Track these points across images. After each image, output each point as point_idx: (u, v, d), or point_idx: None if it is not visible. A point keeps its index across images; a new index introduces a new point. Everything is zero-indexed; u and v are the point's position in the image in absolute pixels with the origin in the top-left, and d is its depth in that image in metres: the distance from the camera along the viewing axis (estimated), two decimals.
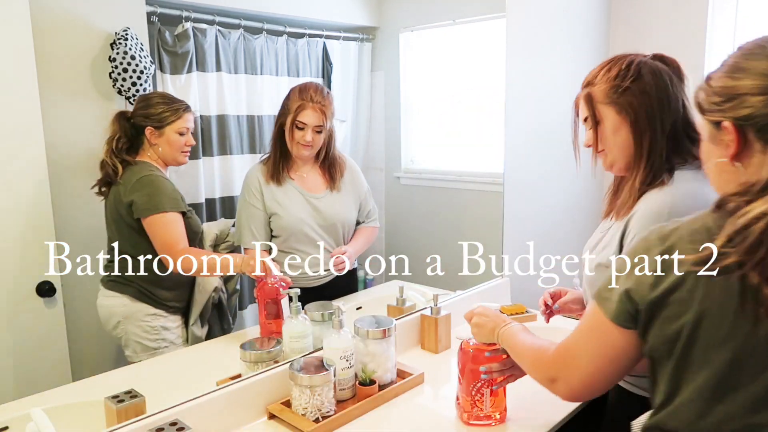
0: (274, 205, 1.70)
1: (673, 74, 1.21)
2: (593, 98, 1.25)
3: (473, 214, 2.34)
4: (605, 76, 1.23)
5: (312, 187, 1.77)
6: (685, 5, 2.60)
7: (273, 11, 1.74)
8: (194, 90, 1.56)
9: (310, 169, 1.78)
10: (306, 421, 1.36)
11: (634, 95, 1.19)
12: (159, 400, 1.28)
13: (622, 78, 1.20)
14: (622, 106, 1.20)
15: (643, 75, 1.19)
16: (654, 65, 1.21)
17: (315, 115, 1.68)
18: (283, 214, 1.70)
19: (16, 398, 1.23)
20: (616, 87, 1.21)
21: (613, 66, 1.22)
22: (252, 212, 1.69)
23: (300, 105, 1.66)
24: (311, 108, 1.67)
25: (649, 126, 1.19)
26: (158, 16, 1.46)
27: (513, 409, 1.42)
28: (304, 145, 1.70)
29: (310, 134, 1.69)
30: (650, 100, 1.19)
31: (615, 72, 1.21)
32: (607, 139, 1.25)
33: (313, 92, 1.68)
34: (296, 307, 1.53)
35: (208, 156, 1.62)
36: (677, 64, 1.24)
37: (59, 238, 1.28)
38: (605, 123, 1.24)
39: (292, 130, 1.68)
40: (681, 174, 1.18)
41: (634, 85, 1.19)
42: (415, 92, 2.17)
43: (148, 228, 1.41)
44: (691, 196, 1.14)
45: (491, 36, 2.26)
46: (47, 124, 1.25)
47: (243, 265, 1.54)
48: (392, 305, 1.89)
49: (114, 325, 1.43)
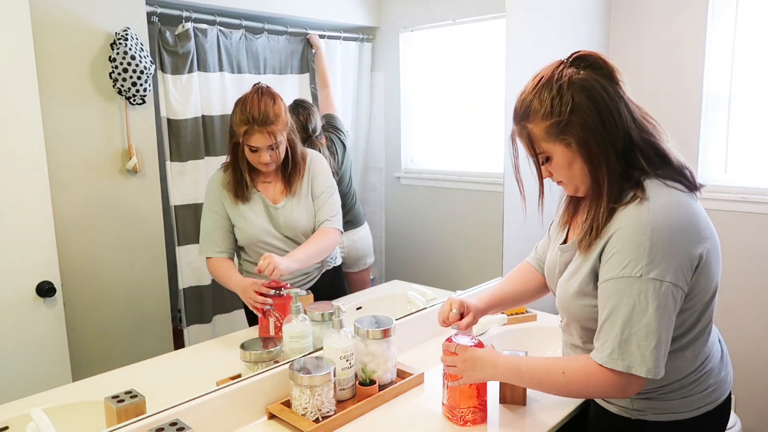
0: (237, 218, 1.62)
1: (602, 80, 1.14)
2: (533, 137, 1.17)
3: (473, 214, 2.34)
4: (539, 112, 1.15)
5: (274, 196, 1.67)
6: (685, 5, 2.61)
7: (273, 11, 1.74)
8: (195, 90, 1.56)
9: (273, 176, 1.67)
10: (306, 421, 1.36)
11: (577, 126, 1.12)
12: (159, 400, 1.28)
13: (558, 112, 1.12)
14: (568, 141, 1.14)
15: (578, 101, 1.11)
16: (582, 82, 1.13)
17: (264, 137, 1.53)
18: (244, 227, 1.63)
19: (16, 398, 1.23)
20: (555, 123, 1.13)
21: (543, 94, 1.14)
22: (216, 221, 1.61)
23: (246, 130, 1.52)
24: (258, 132, 1.52)
25: (601, 152, 1.13)
26: (158, 16, 1.46)
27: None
28: (262, 164, 1.59)
29: (267, 155, 1.56)
30: (595, 127, 1.12)
31: (548, 105, 1.13)
32: (562, 171, 1.20)
33: (256, 112, 1.51)
34: (296, 307, 1.53)
35: (211, 156, 1.62)
36: (602, 62, 1.16)
37: (59, 238, 1.28)
38: (555, 159, 1.18)
39: (245, 151, 1.55)
40: (651, 185, 1.14)
41: (574, 116, 1.12)
42: (415, 92, 2.17)
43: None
44: (668, 213, 1.11)
45: (491, 36, 2.26)
46: (47, 124, 1.25)
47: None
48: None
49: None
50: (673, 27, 2.65)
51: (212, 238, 1.61)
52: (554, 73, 1.16)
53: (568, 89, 1.12)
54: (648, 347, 1.08)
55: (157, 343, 1.52)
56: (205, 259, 1.61)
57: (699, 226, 1.14)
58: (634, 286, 1.09)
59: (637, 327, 1.09)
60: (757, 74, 2.50)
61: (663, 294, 1.08)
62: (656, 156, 1.16)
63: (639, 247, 1.09)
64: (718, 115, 2.62)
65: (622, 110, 1.14)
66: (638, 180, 1.15)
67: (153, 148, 1.46)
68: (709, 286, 1.17)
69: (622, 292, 1.10)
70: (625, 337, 1.09)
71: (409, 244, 2.21)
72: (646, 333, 1.08)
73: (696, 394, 1.22)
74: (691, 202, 1.16)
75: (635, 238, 1.09)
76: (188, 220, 1.58)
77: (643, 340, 1.09)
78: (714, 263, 1.16)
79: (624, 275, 1.09)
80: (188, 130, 1.55)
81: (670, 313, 1.10)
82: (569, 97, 1.12)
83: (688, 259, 1.10)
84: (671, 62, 2.68)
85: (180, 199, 1.55)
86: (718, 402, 1.25)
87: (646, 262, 1.08)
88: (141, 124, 1.43)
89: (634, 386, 1.12)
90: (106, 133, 1.38)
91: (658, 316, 1.08)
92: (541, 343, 1.94)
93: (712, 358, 1.25)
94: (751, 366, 2.61)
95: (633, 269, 1.09)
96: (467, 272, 2.29)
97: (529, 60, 2.33)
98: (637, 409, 1.24)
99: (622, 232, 1.12)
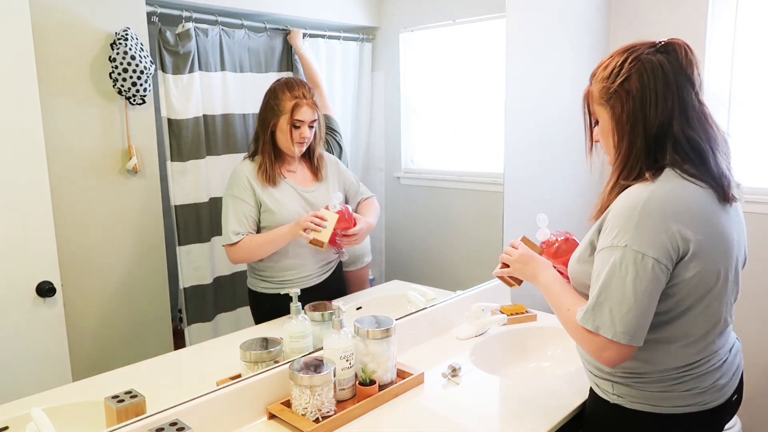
0: (270, 202, 1.68)
1: (672, 67, 1.18)
2: (592, 96, 1.27)
3: (473, 214, 2.34)
4: (601, 74, 1.23)
5: (303, 181, 1.77)
6: (685, 5, 2.60)
7: (273, 11, 1.74)
8: (197, 89, 1.56)
9: (298, 165, 1.78)
10: (306, 421, 1.36)
11: (619, 98, 1.20)
12: (159, 400, 1.28)
13: (613, 79, 1.20)
14: (611, 108, 1.21)
15: (632, 77, 1.18)
16: (647, 63, 1.18)
17: (310, 111, 1.69)
18: (279, 210, 1.69)
19: (16, 398, 1.23)
20: (606, 89, 1.21)
21: (611, 62, 1.22)
22: (242, 207, 1.66)
23: (295, 104, 1.66)
24: (306, 105, 1.68)
25: (630, 130, 1.19)
26: (158, 16, 1.46)
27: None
28: (300, 143, 1.70)
29: (307, 130, 1.70)
30: (633, 105, 1.18)
31: (609, 71, 1.21)
32: (603, 138, 1.27)
33: (303, 89, 1.69)
34: (296, 307, 1.53)
35: (213, 155, 1.62)
36: (683, 49, 1.20)
37: (59, 238, 1.28)
38: (601, 124, 1.26)
39: (289, 129, 1.68)
40: (669, 173, 1.17)
41: (621, 87, 1.19)
42: (415, 92, 2.17)
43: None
44: (668, 193, 1.14)
45: (491, 36, 2.26)
46: (47, 124, 1.25)
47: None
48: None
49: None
50: (673, 27, 2.65)
51: (242, 223, 1.65)
52: (635, 46, 1.21)
53: (632, 63, 1.19)
54: (619, 312, 1.12)
55: (157, 343, 1.52)
56: (232, 246, 1.63)
57: (699, 218, 1.15)
58: (617, 255, 1.13)
59: (614, 293, 1.13)
60: (757, 74, 2.50)
61: (643, 267, 1.11)
62: (692, 151, 1.18)
63: (629, 220, 1.13)
64: (718, 115, 2.62)
65: (672, 99, 1.17)
66: (662, 166, 1.18)
67: (153, 148, 1.46)
68: (697, 284, 1.16)
69: (606, 260, 1.15)
70: (601, 301, 1.15)
71: (409, 244, 2.21)
72: (621, 299, 1.12)
73: (678, 391, 1.22)
74: (704, 197, 1.17)
75: (627, 211, 1.14)
76: (189, 220, 1.58)
77: (615, 306, 1.13)
78: (710, 263, 1.16)
79: (612, 245, 1.14)
80: (189, 130, 1.55)
81: (651, 288, 1.12)
82: (627, 71, 1.19)
83: (675, 240, 1.12)
84: None
85: (181, 198, 1.55)
86: (707, 406, 1.24)
87: (633, 234, 1.12)
88: (141, 124, 1.43)
89: (611, 352, 1.15)
90: (106, 133, 1.38)
91: (635, 285, 1.11)
92: (541, 343, 1.94)
93: (709, 363, 1.24)
94: (751, 366, 2.61)
95: (620, 239, 1.13)
96: (467, 272, 2.29)
97: (529, 60, 2.33)
98: (616, 394, 1.27)
99: (619, 206, 1.17)
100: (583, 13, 2.66)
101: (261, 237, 1.68)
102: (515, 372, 1.85)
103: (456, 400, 1.53)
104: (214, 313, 1.66)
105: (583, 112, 1.32)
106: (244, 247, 1.65)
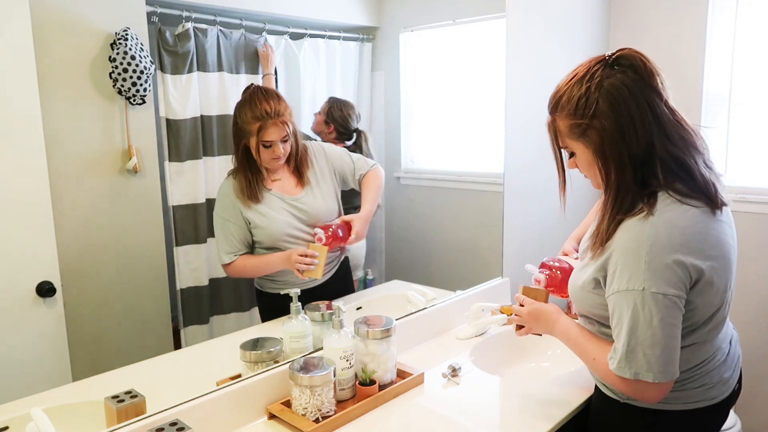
0: (257, 219, 1.64)
1: (636, 85, 1.14)
2: (560, 131, 1.23)
3: (473, 214, 2.34)
4: (566, 108, 1.18)
5: (289, 189, 1.70)
6: (685, 5, 2.60)
7: (273, 11, 1.74)
8: (195, 90, 1.56)
9: (282, 173, 1.70)
10: (306, 421, 1.36)
11: (596, 133, 1.15)
12: (159, 400, 1.28)
13: (581, 113, 1.16)
14: (586, 143, 1.19)
15: (601, 108, 1.13)
16: (611, 88, 1.13)
17: (277, 129, 1.57)
18: (267, 225, 1.65)
19: (16, 398, 1.23)
20: (576, 125, 1.18)
21: (572, 93, 1.17)
22: (229, 228, 1.62)
23: (259, 126, 1.54)
24: (272, 125, 1.55)
25: (616, 162, 1.15)
26: (158, 16, 1.46)
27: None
28: (275, 159, 1.62)
29: (280, 148, 1.59)
30: (612, 137, 1.14)
31: (573, 104, 1.16)
32: (584, 169, 1.25)
33: (266, 105, 1.54)
34: (296, 307, 1.53)
35: (209, 156, 1.62)
36: (642, 64, 1.15)
37: (59, 238, 1.28)
38: (578, 156, 1.24)
39: (258, 150, 1.59)
40: (663, 200, 1.15)
41: (594, 121, 1.14)
42: (415, 92, 2.17)
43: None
44: (671, 227, 1.12)
45: (491, 36, 2.26)
46: (47, 124, 1.25)
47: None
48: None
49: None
50: (673, 27, 2.65)
51: (231, 244, 1.62)
52: (589, 70, 1.17)
53: (596, 92, 1.14)
54: (653, 355, 1.11)
55: (157, 343, 1.51)
56: (226, 266, 1.63)
57: (705, 244, 1.14)
58: (637, 299, 1.11)
59: (643, 337, 1.12)
60: (757, 74, 2.50)
61: (665, 306, 1.10)
62: (679, 169, 1.16)
63: (638, 261, 1.11)
64: (718, 115, 2.62)
65: (648, 121, 1.13)
66: (654, 191, 1.15)
67: (153, 148, 1.46)
68: (710, 303, 1.17)
69: (627, 305, 1.13)
70: (632, 347, 1.13)
71: (409, 244, 2.21)
72: (652, 343, 1.11)
73: (690, 390, 1.24)
74: (703, 219, 1.15)
75: (634, 251, 1.12)
76: (186, 221, 1.58)
77: (648, 349, 1.12)
78: (719, 282, 1.16)
79: (628, 288, 1.12)
80: (187, 130, 1.55)
81: (675, 320, 1.12)
82: (594, 101, 1.14)
83: (688, 272, 1.11)
84: (671, 62, 2.67)
85: (178, 199, 1.55)
86: (715, 400, 1.26)
87: (647, 276, 1.10)
88: (141, 124, 1.43)
89: (652, 391, 1.15)
90: (106, 133, 1.38)
91: (663, 326, 1.11)
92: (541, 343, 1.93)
93: (715, 359, 1.25)
94: (751, 366, 2.61)
95: (635, 283, 1.11)
96: (467, 272, 2.29)
97: (529, 60, 2.33)
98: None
99: (624, 246, 1.14)
100: (583, 12, 2.66)
101: (253, 261, 1.66)
102: (515, 372, 1.85)
103: (456, 400, 1.53)
104: (209, 315, 1.65)
105: (553, 148, 1.27)
106: (237, 268, 1.64)
